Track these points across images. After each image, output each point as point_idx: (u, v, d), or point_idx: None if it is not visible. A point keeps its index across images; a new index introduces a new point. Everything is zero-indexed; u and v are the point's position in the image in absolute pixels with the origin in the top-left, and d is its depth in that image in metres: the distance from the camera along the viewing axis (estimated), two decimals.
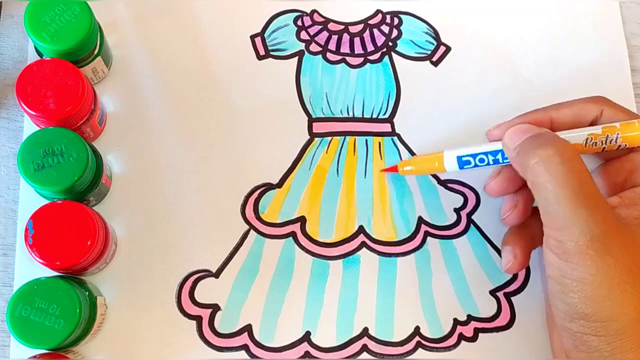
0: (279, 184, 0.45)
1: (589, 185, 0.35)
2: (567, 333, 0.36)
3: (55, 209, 0.37)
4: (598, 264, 0.33)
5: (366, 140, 0.46)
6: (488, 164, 0.41)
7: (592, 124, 0.40)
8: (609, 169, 0.41)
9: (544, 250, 0.36)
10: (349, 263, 0.44)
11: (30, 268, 0.41)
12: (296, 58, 0.48)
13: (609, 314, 0.34)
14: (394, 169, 0.44)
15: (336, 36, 0.48)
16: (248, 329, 0.42)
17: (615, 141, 0.38)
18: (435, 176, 0.46)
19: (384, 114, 0.47)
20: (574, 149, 0.36)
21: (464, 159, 0.41)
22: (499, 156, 0.40)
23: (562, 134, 0.39)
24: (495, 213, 0.46)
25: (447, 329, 0.43)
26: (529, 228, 0.42)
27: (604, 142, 0.38)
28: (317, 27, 0.49)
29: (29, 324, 0.36)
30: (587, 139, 0.38)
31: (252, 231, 0.44)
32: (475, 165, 0.41)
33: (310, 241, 0.44)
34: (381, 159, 0.46)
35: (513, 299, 0.44)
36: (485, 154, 0.40)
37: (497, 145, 0.40)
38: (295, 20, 0.49)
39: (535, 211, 0.42)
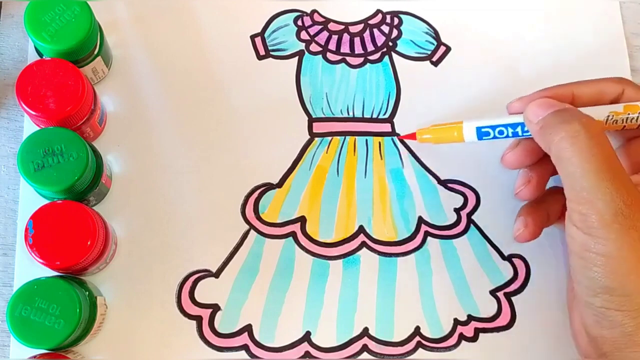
0: (279, 184, 0.45)
1: (614, 160, 0.35)
2: (590, 309, 0.36)
3: (55, 209, 0.37)
4: (623, 237, 0.34)
5: (366, 140, 0.46)
6: (507, 136, 0.41)
7: (613, 102, 0.40)
8: (629, 148, 0.41)
9: (567, 225, 0.36)
10: (349, 263, 0.44)
11: (30, 268, 0.41)
12: (296, 58, 0.48)
13: (633, 287, 0.34)
14: (412, 136, 0.45)
15: (336, 36, 0.48)
16: (248, 329, 0.42)
17: (637, 120, 0.38)
18: (435, 176, 0.46)
19: (384, 114, 0.47)
20: (600, 125, 0.36)
21: (483, 129, 0.41)
22: (519, 129, 0.40)
23: (584, 110, 0.38)
24: (496, 213, 0.46)
25: (447, 329, 0.43)
26: (545, 204, 0.42)
27: (624, 120, 0.38)
28: (317, 27, 0.49)
29: (29, 324, 0.36)
30: (608, 116, 0.38)
31: (252, 231, 0.44)
32: (494, 137, 0.41)
33: (311, 241, 0.44)
34: (381, 159, 0.46)
35: (513, 299, 0.44)
36: (505, 126, 0.40)
37: (518, 118, 0.40)
38: (295, 20, 0.49)
39: (552, 190, 0.43)
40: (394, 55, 0.48)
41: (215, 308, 0.42)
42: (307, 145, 0.46)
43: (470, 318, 0.43)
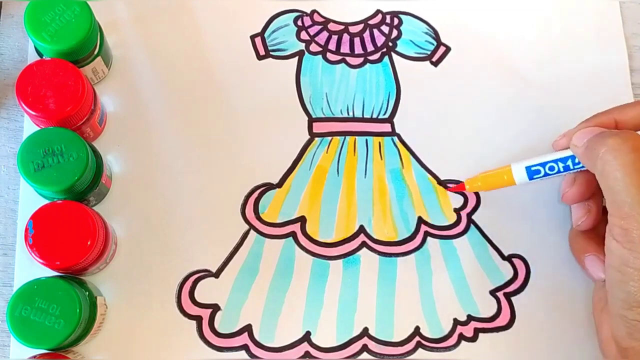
0: (279, 184, 0.45)
1: None
2: (623, 321, 0.36)
3: (55, 209, 0.37)
4: None
5: (366, 140, 0.46)
6: (559, 171, 0.40)
7: None
8: None
9: (607, 238, 0.36)
10: (349, 263, 0.44)
11: (30, 268, 0.41)
12: (296, 58, 0.48)
13: None
14: (461, 187, 0.45)
15: (336, 36, 0.48)
16: (248, 329, 0.42)
17: None
18: (435, 176, 0.46)
19: (384, 114, 0.47)
20: (638, 138, 0.36)
21: (533, 168, 0.41)
22: (569, 162, 0.40)
23: None
24: (496, 213, 0.46)
25: (447, 329, 0.43)
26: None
27: None
28: (317, 27, 0.49)
29: (29, 324, 0.36)
30: None
31: (252, 231, 0.44)
32: (546, 174, 0.41)
33: (311, 241, 0.44)
34: (381, 159, 0.46)
35: (513, 299, 0.44)
36: (555, 161, 0.40)
37: (567, 152, 0.40)
38: (295, 20, 0.49)
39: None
40: (394, 56, 0.48)
41: (215, 308, 0.42)
42: (307, 145, 0.46)
43: (470, 318, 0.43)
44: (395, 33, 0.49)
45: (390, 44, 0.49)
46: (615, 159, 0.35)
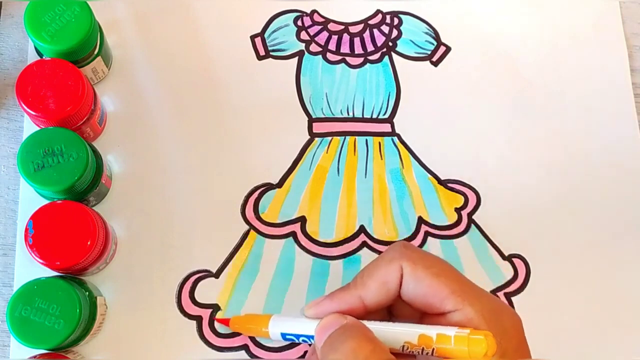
0: (279, 184, 0.45)
1: None
2: None
3: (55, 209, 0.37)
4: None
5: (366, 140, 0.46)
6: (310, 339, 0.37)
7: (399, 288, 0.36)
8: None
9: None
10: (350, 263, 0.44)
11: (30, 268, 0.41)
12: (296, 58, 0.48)
13: None
14: (225, 322, 0.42)
15: (336, 36, 0.48)
16: None
17: (432, 354, 0.34)
18: (435, 176, 0.46)
19: (384, 114, 0.47)
20: (371, 346, 0.33)
21: (287, 336, 0.38)
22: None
23: (378, 332, 0.35)
24: (496, 213, 0.46)
25: None
26: None
27: (420, 352, 0.34)
28: (317, 27, 0.49)
29: (29, 324, 0.36)
30: (403, 346, 0.35)
31: (252, 231, 0.44)
32: (298, 338, 0.38)
33: (311, 241, 0.44)
34: (381, 159, 0.46)
35: (513, 299, 0.44)
36: (307, 336, 0.37)
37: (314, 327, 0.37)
38: (295, 21, 0.48)
39: None
40: (394, 55, 0.48)
41: (215, 308, 0.42)
42: (307, 145, 0.46)
43: None
44: (395, 33, 0.49)
45: (390, 43, 0.49)
46: None
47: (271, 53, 0.48)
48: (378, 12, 0.49)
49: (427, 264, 0.35)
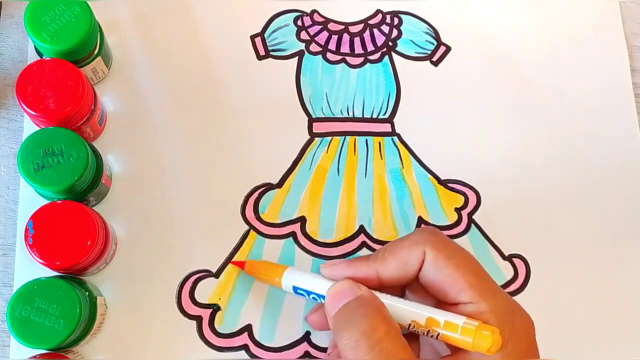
0: (279, 184, 0.45)
1: None
2: None
3: (55, 209, 0.37)
4: None
5: (366, 140, 0.46)
6: (320, 297, 0.38)
7: (418, 272, 0.37)
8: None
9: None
10: None
11: (30, 268, 0.41)
12: (296, 58, 0.48)
13: None
14: (240, 264, 0.42)
15: (336, 36, 0.48)
16: (248, 329, 0.42)
17: (436, 338, 0.35)
18: (435, 176, 0.46)
19: (384, 114, 0.47)
20: (385, 328, 0.33)
21: (299, 291, 0.39)
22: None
23: (388, 305, 0.35)
24: (496, 213, 0.46)
25: None
26: None
27: (426, 333, 0.35)
28: (317, 27, 0.49)
29: (29, 324, 0.36)
30: (410, 324, 0.35)
31: (252, 231, 0.44)
32: (309, 294, 0.39)
33: (311, 241, 0.44)
34: (381, 159, 0.46)
35: (513, 299, 0.44)
36: (318, 295, 0.38)
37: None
38: (295, 20, 0.48)
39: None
40: (394, 55, 0.48)
41: (215, 308, 0.42)
42: (307, 145, 0.46)
43: None
44: (395, 33, 0.49)
45: (390, 43, 0.49)
46: (354, 355, 0.33)
47: (271, 53, 0.48)
48: (378, 12, 0.49)
49: (450, 254, 0.36)
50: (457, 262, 0.36)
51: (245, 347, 0.42)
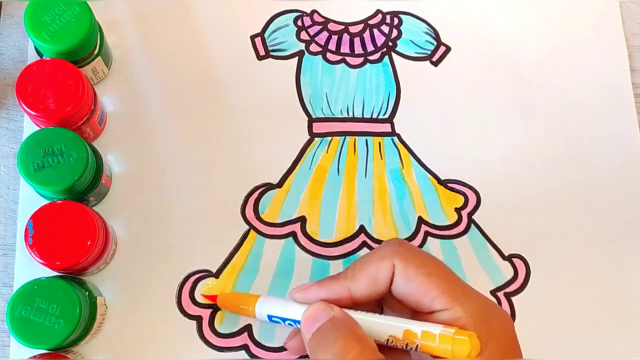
0: (279, 184, 0.45)
1: None
2: None
3: (55, 209, 0.37)
4: None
5: (366, 140, 0.46)
6: (296, 322, 0.38)
7: (388, 286, 0.36)
8: None
9: None
10: (350, 263, 0.44)
11: (30, 268, 0.41)
12: (296, 58, 0.48)
13: None
14: (212, 299, 0.42)
15: (336, 36, 0.48)
16: (248, 329, 0.42)
17: (416, 349, 0.35)
18: (435, 176, 0.46)
19: (384, 114, 0.47)
20: (358, 347, 0.33)
21: (273, 319, 0.38)
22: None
23: (364, 323, 0.35)
24: (496, 213, 0.46)
25: None
26: None
27: (405, 347, 0.35)
28: (317, 27, 0.49)
29: (29, 324, 0.36)
30: (388, 339, 0.35)
31: (252, 231, 0.44)
32: (284, 321, 0.38)
33: (311, 241, 0.44)
34: (381, 159, 0.46)
35: (513, 299, 0.44)
36: (293, 321, 0.37)
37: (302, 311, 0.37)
38: (295, 21, 0.48)
39: None
40: (394, 55, 0.48)
41: (215, 308, 0.42)
42: (307, 145, 0.46)
43: None
44: (395, 33, 0.49)
45: (390, 43, 0.49)
46: None
47: (271, 53, 0.48)
48: (378, 12, 0.49)
49: (419, 263, 0.36)
50: (428, 271, 0.35)
51: (245, 347, 0.42)
